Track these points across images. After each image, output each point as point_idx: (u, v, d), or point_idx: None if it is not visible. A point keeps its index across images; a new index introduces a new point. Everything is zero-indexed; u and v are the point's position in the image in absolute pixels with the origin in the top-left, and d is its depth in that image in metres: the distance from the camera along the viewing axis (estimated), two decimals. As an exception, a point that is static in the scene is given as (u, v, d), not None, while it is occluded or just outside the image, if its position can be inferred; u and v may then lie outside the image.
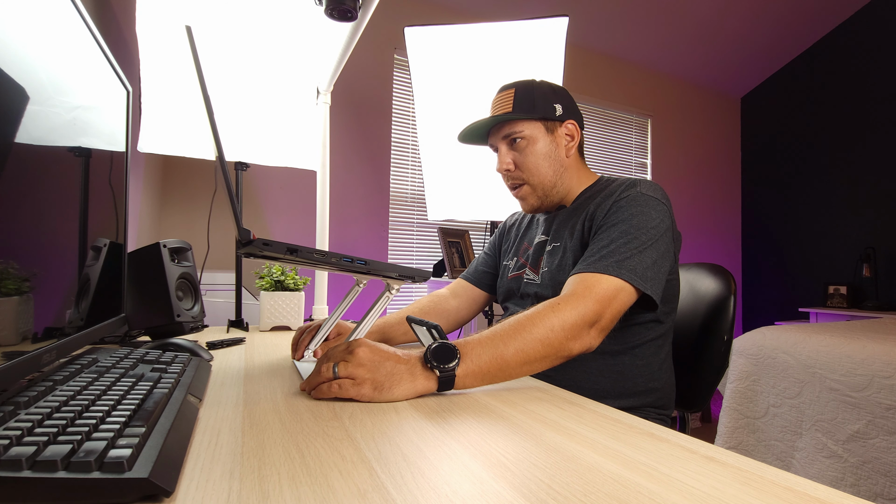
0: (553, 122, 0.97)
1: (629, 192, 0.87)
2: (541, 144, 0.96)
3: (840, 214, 3.72)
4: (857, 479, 1.36)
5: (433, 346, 0.62)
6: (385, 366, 0.60)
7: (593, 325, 0.74)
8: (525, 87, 0.97)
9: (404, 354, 0.62)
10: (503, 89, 0.99)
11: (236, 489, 0.34)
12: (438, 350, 0.61)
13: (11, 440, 0.31)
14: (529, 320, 0.70)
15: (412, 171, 2.97)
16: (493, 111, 0.99)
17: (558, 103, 0.97)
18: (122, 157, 0.82)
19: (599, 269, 0.77)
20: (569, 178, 0.99)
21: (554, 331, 0.70)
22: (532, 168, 0.96)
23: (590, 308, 0.73)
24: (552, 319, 0.70)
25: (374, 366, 0.59)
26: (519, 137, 0.95)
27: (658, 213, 0.84)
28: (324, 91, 1.48)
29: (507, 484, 0.36)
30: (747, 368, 1.72)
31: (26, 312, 0.47)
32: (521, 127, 0.95)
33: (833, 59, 3.78)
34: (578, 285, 0.76)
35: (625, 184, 0.91)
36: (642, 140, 3.92)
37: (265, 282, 1.20)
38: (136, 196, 1.76)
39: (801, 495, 0.35)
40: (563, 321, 0.71)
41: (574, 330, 0.71)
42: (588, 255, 0.82)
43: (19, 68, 0.45)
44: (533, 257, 1.00)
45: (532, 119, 0.95)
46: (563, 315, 0.71)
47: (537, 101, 0.95)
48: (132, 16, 1.23)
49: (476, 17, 3.06)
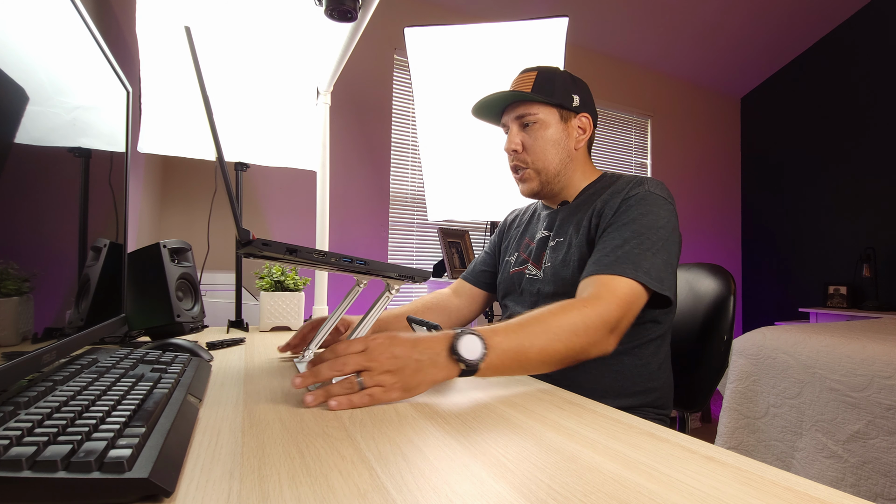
0: (569, 111, 0.97)
1: (637, 191, 0.87)
2: (552, 131, 0.96)
3: (840, 214, 3.72)
4: (858, 480, 1.36)
5: (460, 339, 0.61)
6: (409, 364, 0.57)
7: (613, 330, 0.74)
8: (547, 72, 0.97)
9: (424, 341, 0.60)
10: (526, 70, 0.99)
11: (236, 489, 0.34)
12: (466, 343, 0.61)
13: (11, 440, 0.31)
14: (555, 319, 0.70)
15: (412, 171, 2.97)
16: (512, 88, 0.99)
17: (577, 94, 0.97)
18: (122, 158, 0.82)
19: (617, 271, 0.77)
20: (573, 170, 0.99)
21: (577, 334, 0.70)
22: (539, 152, 0.96)
23: (612, 313, 0.73)
24: (577, 322, 0.70)
25: (400, 367, 0.57)
26: (532, 121, 0.95)
27: (666, 213, 0.85)
28: (324, 91, 1.48)
29: (507, 484, 0.36)
30: (747, 368, 1.72)
31: (26, 313, 0.47)
32: (537, 110, 0.95)
33: (833, 60, 3.78)
34: (600, 288, 0.76)
35: (632, 181, 0.90)
36: (642, 140, 3.92)
37: (265, 282, 1.20)
38: (136, 196, 1.76)
39: (801, 495, 0.35)
40: (587, 325, 0.71)
41: (597, 334, 0.72)
42: (601, 254, 0.82)
43: (19, 68, 0.45)
44: (535, 252, 1.00)
45: (549, 104, 0.95)
46: (588, 318, 0.71)
47: (557, 88, 0.95)
48: (132, 16, 1.23)
49: (476, 17, 3.06)
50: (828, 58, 3.81)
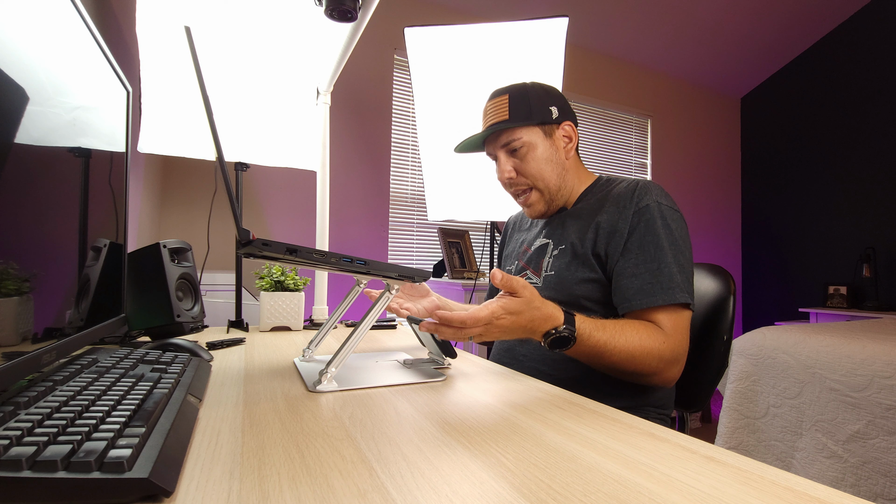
0: (550, 125, 0.96)
1: (648, 202, 0.87)
2: (541, 149, 0.95)
3: (840, 214, 3.72)
4: (858, 480, 1.36)
5: (552, 338, 0.71)
6: (508, 337, 0.69)
7: (678, 363, 0.81)
8: (519, 91, 0.96)
9: (534, 326, 0.69)
10: (496, 95, 0.97)
11: (236, 489, 0.34)
12: (556, 341, 0.71)
13: (11, 440, 0.31)
14: (640, 340, 0.77)
15: (412, 172, 2.97)
16: (487, 119, 0.98)
17: (553, 105, 0.96)
18: (122, 158, 0.82)
19: (672, 299, 0.81)
20: (570, 179, 0.99)
21: (650, 364, 0.78)
22: (536, 173, 0.95)
23: (681, 349, 0.81)
24: (653, 349, 0.78)
25: (500, 336, 0.68)
26: (518, 146, 0.94)
27: (681, 223, 0.88)
28: (324, 91, 1.48)
29: (507, 484, 0.36)
30: (747, 368, 1.72)
31: (26, 313, 0.47)
32: (520, 134, 0.94)
33: (833, 60, 3.78)
34: (671, 322, 0.81)
35: (634, 189, 0.90)
36: (642, 140, 3.92)
37: (265, 282, 1.20)
38: (136, 196, 1.76)
39: (801, 495, 0.35)
40: (661, 356, 0.78)
41: (667, 367, 0.80)
42: (644, 281, 0.83)
43: (19, 68, 0.45)
44: (535, 260, 1.00)
45: (530, 125, 0.94)
46: (664, 352, 0.78)
47: (533, 106, 0.94)
48: (132, 16, 1.23)
49: (476, 17, 3.06)
50: (828, 58, 3.81)
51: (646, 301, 0.82)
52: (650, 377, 0.80)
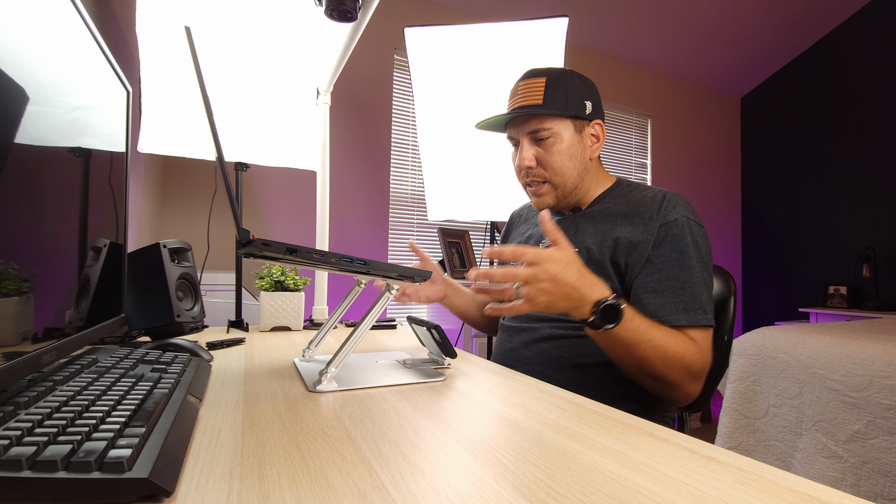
0: (582, 121, 0.92)
1: (676, 217, 0.85)
2: (567, 143, 0.90)
3: (840, 214, 3.72)
4: (858, 480, 1.36)
5: (604, 305, 0.70)
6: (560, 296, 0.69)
7: (700, 379, 0.81)
8: (556, 77, 0.90)
9: (584, 283, 0.69)
10: (531, 76, 0.91)
11: (236, 489, 0.34)
12: (608, 309, 0.70)
13: (11, 440, 0.31)
14: (674, 343, 0.76)
15: (412, 171, 2.97)
16: (517, 100, 0.92)
17: (588, 100, 0.91)
18: (122, 158, 0.82)
19: (695, 321, 0.80)
20: (589, 179, 0.95)
21: (677, 372, 0.76)
22: (557, 167, 0.91)
23: (707, 367, 0.81)
24: (685, 356, 0.77)
25: (553, 292, 0.68)
26: (546, 136, 0.90)
27: (706, 239, 0.87)
28: (324, 91, 1.48)
29: (507, 484, 0.36)
30: (747, 368, 1.72)
31: (26, 313, 0.47)
32: (551, 123, 0.89)
33: (833, 59, 3.78)
34: (700, 337, 0.81)
35: (661, 202, 0.87)
36: (642, 140, 3.92)
37: (265, 282, 1.20)
38: (136, 196, 1.76)
39: (801, 495, 0.35)
40: (690, 367, 0.77)
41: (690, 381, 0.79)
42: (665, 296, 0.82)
43: (19, 68, 0.45)
44: None
45: (563, 116, 0.90)
46: (693, 364, 0.78)
47: (570, 97, 0.89)
48: (132, 16, 1.23)
49: (476, 17, 3.06)
50: (828, 58, 3.81)
51: (673, 318, 0.80)
52: (671, 387, 0.78)
